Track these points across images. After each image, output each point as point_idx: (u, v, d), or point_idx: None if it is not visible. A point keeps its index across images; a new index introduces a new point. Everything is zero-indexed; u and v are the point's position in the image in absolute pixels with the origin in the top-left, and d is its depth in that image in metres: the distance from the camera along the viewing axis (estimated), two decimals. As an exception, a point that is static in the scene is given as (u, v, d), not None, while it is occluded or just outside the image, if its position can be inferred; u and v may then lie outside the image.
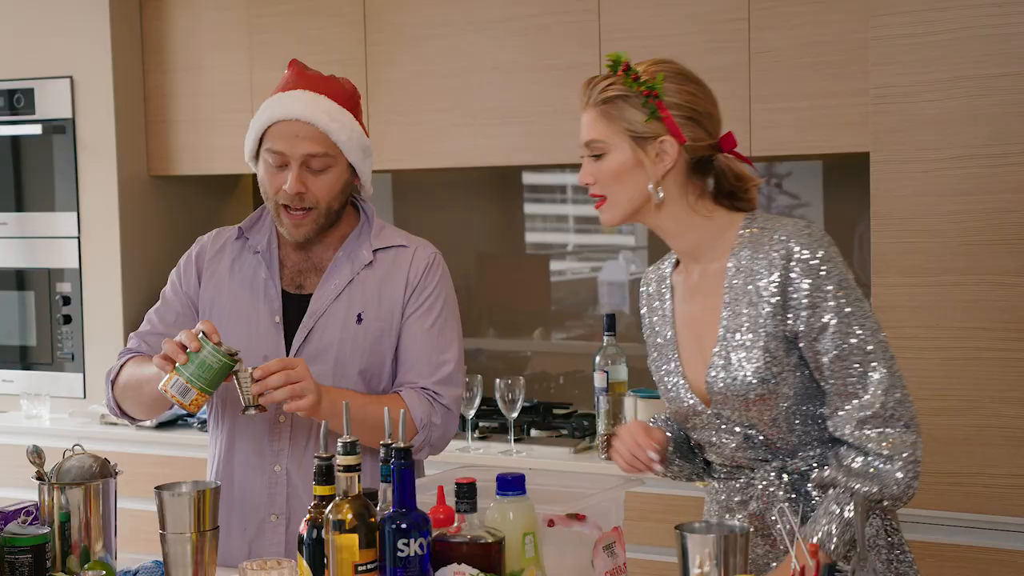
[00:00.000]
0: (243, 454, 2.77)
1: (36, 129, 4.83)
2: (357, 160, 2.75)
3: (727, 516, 2.32)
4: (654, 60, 2.32)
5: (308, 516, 2.08)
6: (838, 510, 2.20)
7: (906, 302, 3.49)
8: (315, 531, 2.06)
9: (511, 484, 2.03)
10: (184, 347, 2.51)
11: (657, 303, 2.46)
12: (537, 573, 2.00)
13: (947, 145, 3.43)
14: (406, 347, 2.76)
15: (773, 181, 4.39)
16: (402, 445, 1.99)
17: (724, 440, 2.34)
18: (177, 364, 2.50)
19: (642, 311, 2.51)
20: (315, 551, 2.06)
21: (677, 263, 2.45)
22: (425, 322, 2.75)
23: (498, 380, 4.02)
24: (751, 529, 2.09)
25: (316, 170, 2.70)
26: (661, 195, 2.28)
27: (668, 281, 2.44)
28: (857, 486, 2.18)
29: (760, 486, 2.32)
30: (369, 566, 1.99)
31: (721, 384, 2.28)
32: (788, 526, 2.13)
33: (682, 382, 2.36)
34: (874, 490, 2.18)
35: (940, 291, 3.45)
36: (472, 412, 4.17)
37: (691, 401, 2.35)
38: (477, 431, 4.21)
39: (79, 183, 4.79)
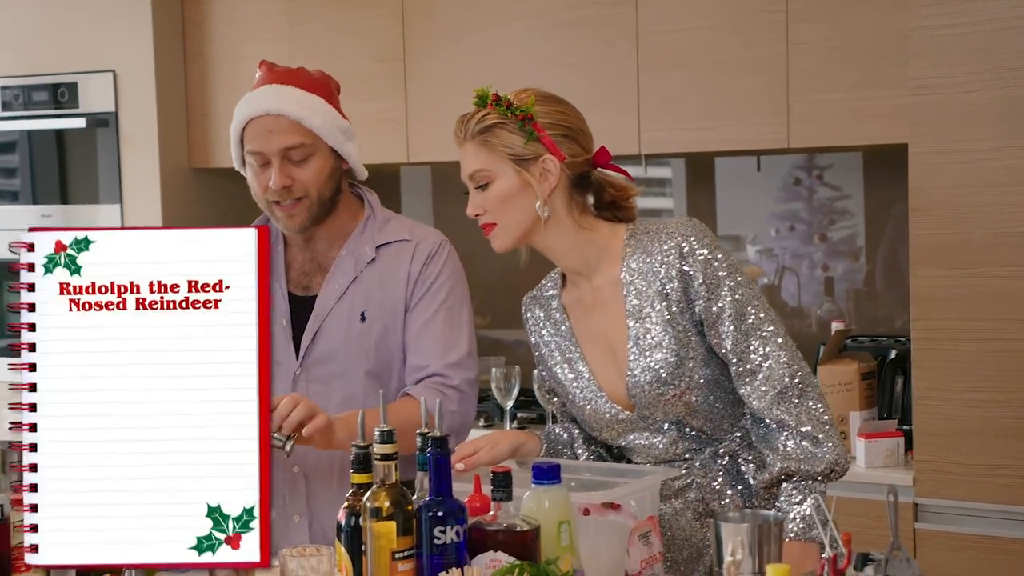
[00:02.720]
0: None
1: (80, 123, 4.88)
2: (338, 143, 2.69)
3: (663, 505, 2.41)
4: (519, 89, 2.39)
5: (346, 504, 2.10)
6: (800, 498, 2.27)
7: (943, 294, 3.49)
8: (353, 518, 2.08)
9: (546, 473, 2.04)
10: None
11: (549, 328, 2.54)
12: (572, 561, 2.01)
13: (985, 136, 3.42)
14: (412, 334, 2.70)
15: (815, 173, 4.38)
16: (439, 434, 2.01)
17: (654, 440, 2.44)
18: None
19: (532, 339, 2.59)
20: (353, 538, 2.08)
21: (564, 283, 2.52)
22: (430, 307, 2.70)
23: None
24: (778, 518, 2.11)
25: (297, 161, 2.65)
26: (547, 213, 2.36)
27: (556, 303, 2.52)
28: (806, 468, 2.27)
29: (700, 474, 2.42)
30: (406, 553, 2.01)
31: (646, 386, 2.37)
32: (822, 516, 2.16)
33: (600, 393, 2.45)
34: (819, 469, 2.28)
35: (977, 283, 3.44)
36: (510, 402, 4.19)
37: (613, 410, 2.44)
38: (516, 421, 4.24)
39: (122, 176, 4.84)
